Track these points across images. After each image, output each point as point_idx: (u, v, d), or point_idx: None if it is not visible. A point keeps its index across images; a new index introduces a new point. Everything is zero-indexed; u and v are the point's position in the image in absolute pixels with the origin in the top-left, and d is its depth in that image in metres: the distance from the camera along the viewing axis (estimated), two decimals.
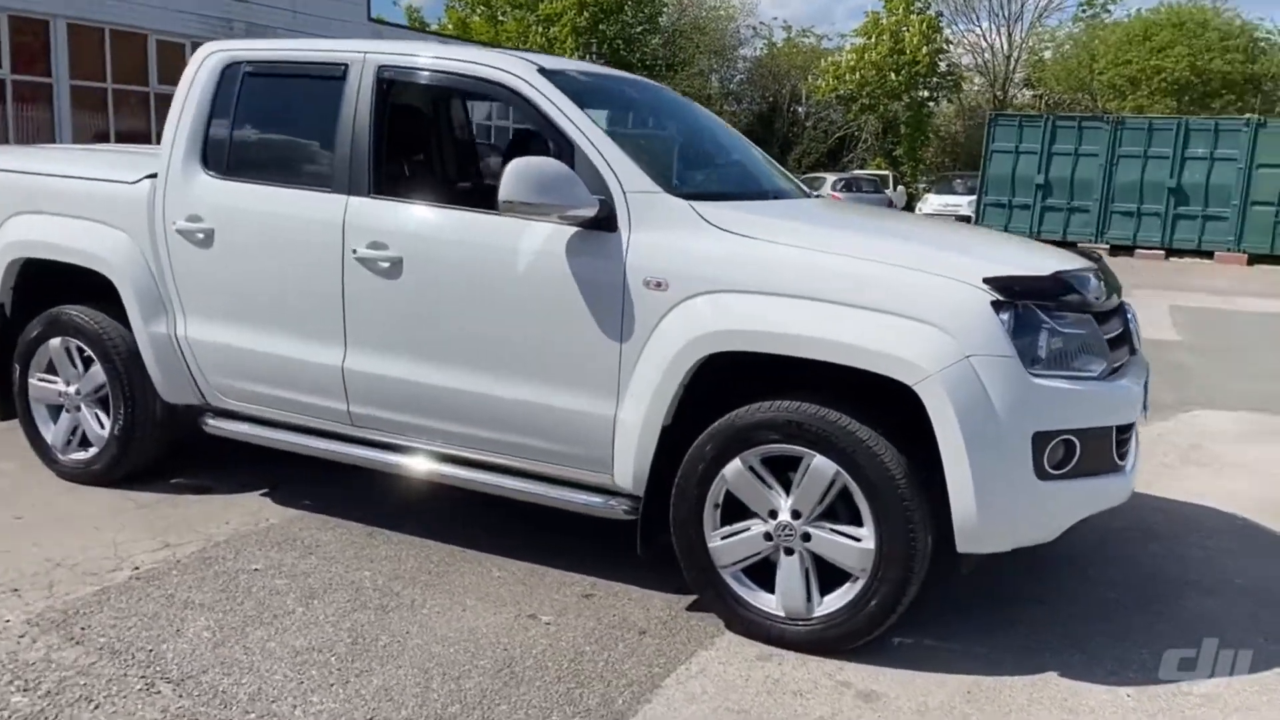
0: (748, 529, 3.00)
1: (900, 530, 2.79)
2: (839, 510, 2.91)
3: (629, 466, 3.09)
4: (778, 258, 2.95)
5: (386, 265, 3.37)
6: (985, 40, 37.81)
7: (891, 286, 2.83)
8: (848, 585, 2.92)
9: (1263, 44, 34.86)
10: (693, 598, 3.21)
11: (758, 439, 2.92)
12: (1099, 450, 2.89)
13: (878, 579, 2.85)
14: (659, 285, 3.00)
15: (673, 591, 3.28)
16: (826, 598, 2.95)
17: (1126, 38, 34.67)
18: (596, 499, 3.22)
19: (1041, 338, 2.81)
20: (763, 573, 3.03)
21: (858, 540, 2.87)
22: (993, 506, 2.75)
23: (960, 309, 2.77)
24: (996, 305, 2.77)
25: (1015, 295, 2.80)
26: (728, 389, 2.99)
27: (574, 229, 3.10)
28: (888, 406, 2.85)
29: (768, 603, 3.01)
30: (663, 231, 3.05)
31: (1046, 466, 2.79)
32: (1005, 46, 37.74)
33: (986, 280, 2.81)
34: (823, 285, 2.87)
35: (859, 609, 2.88)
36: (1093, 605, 3.35)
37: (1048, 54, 39.26)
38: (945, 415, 2.71)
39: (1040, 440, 2.76)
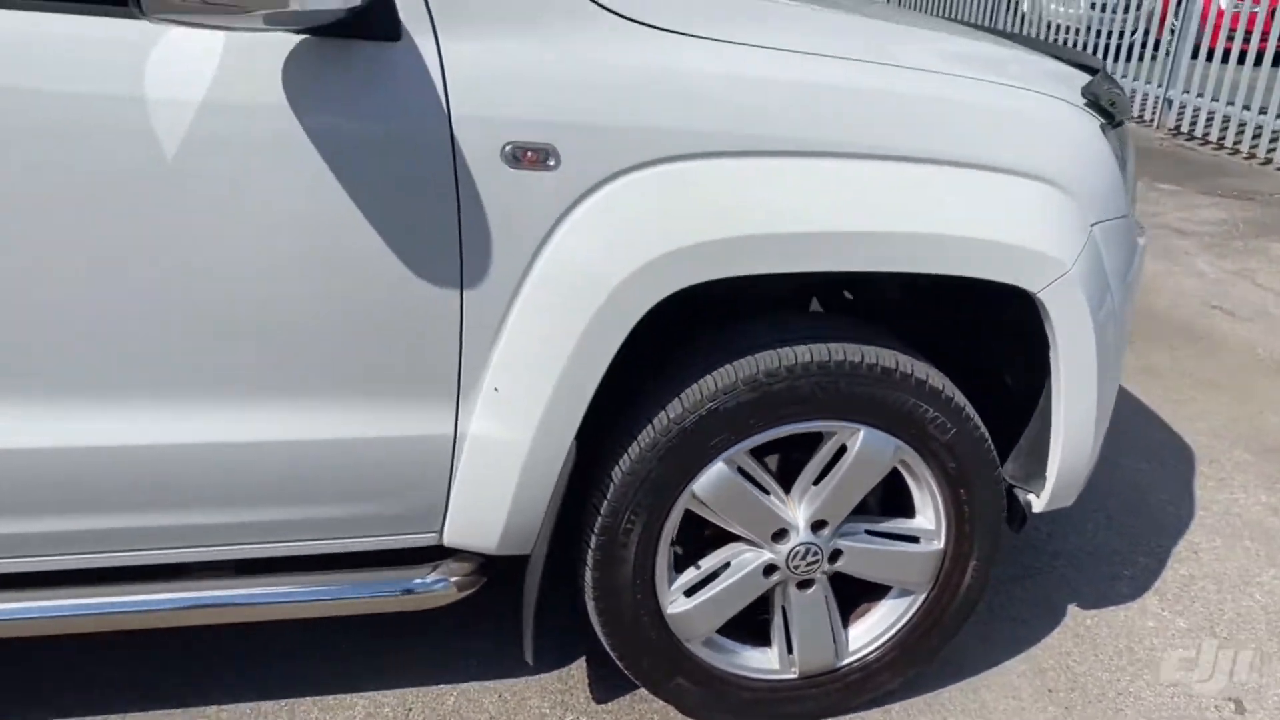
0: (730, 566, 1.75)
1: (990, 508, 1.78)
2: (868, 502, 1.81)
3: (494, 515, 1.57)
4: (781, 75, 1.48)
5: None
6: None
7: (983, 113, 1.59)
8: (884, 606, 1.89)
9: None
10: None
11: (759, 420, 1.59)
12: None
13: (946, 587, 1.82)
14: (537, 156, 1.39)
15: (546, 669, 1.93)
16: (851, 631, 1.88)
17: None
18: (400, 581, 1.65)
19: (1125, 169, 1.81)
20: (741, 619, 1.83)
21: (915, 541, 1.78)
22: (1099, 438, 1.81)
23: (1074, 142, 1.65)
24: (1104, 131, 1.71)
25: (1101, 114, 1.75)
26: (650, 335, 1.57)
27: (301, 38, 1.30)
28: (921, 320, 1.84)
29: (761, 665, 1.86)
30: (521, 33, 1.38)
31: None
32: None
33: (1085, 92, 1.72)
34: (883, 125, 1.53)
35: (913, 635, 1.85)
36: None
37: None
38: (1078, 326, 1.63)
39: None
